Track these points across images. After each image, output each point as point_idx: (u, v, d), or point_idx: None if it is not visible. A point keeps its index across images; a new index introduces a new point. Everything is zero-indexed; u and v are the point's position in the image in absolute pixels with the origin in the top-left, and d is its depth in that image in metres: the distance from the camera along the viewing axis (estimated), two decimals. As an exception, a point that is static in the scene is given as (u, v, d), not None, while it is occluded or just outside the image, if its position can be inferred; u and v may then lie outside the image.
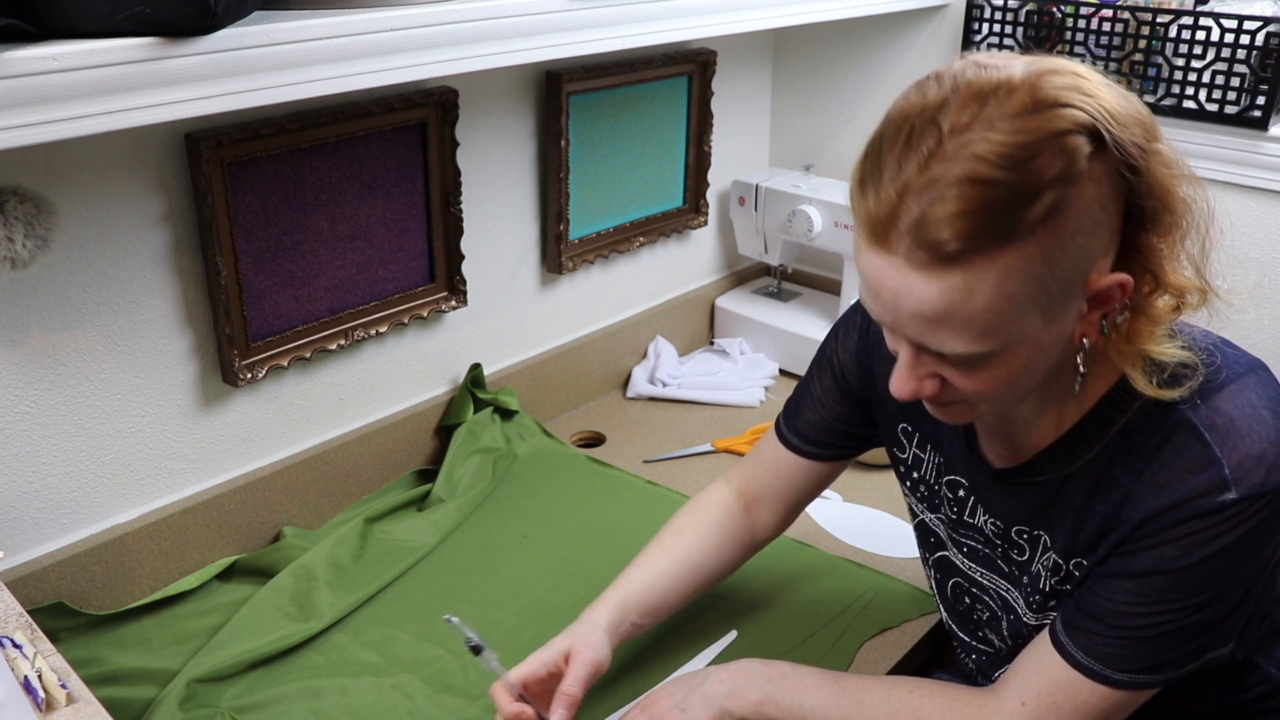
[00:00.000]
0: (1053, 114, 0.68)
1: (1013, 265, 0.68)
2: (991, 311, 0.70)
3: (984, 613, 1.01)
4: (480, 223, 1.50)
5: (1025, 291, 0.70)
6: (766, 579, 1.28)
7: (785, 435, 1.11)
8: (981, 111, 0.68)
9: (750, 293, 1.95)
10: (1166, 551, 0.79)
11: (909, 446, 1.03)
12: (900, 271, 0.70)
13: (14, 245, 1.01)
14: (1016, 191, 0.67)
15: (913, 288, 0.70)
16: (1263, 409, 0.79)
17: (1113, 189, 0.71)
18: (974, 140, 0.67)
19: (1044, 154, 0.67)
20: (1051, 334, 0.74)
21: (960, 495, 0.97)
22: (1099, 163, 0.69)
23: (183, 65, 0.86)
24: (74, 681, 0.79)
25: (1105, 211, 0.71)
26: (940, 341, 0.73)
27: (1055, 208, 0.68)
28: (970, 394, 0.78)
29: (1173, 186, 0.73)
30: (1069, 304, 0.74)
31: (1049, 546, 0.89)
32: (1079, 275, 0.72)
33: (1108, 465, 0.83)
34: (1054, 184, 0.67)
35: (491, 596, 1.26)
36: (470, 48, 1.08)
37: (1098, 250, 0.72)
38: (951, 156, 0.67)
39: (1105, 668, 0.83)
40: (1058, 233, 0.68)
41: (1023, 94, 0.68)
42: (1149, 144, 0.72)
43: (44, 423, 1.13)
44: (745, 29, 1.40)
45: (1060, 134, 0.67)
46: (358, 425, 1.44)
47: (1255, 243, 1.51)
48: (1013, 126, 0.67)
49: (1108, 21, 1.53)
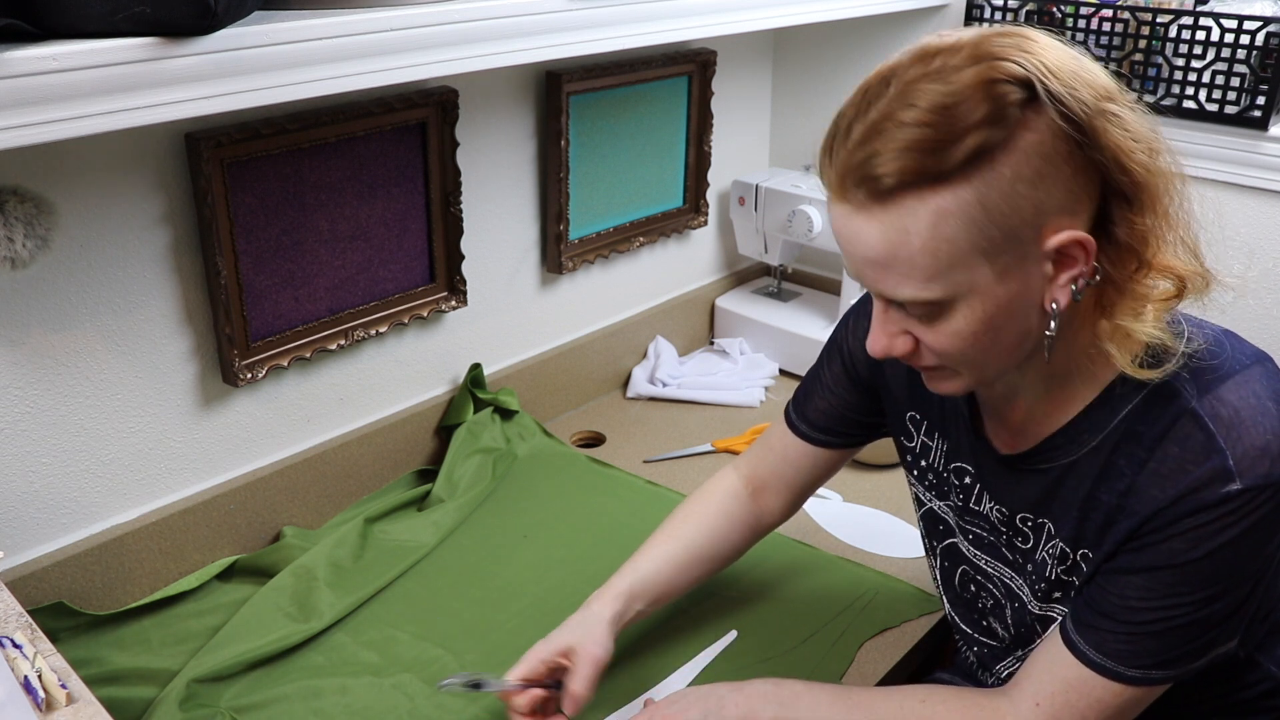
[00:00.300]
0: (985, 66, 0.72)
1: (945, 207, 0.72)
2: (930, 253, 0.74)
3: (988, 600, 1.01)
4: (480, 223, 1.50)
5: (964, 235, 0.73)
6: (767, 579, 1.28)
7: (794, 422, 1.12)
8: (927, 69, 0.73)
9: (750, 293, 1.95)
10: (1174, 545, 0.79)
11: (917, 434, 1.03)
12: (851, 217, 0.76)
13: (14, 245, 1.01)
14: (943, 134, 0.71)
15: (860, 231, 0.76)
16: (1268, 400, 0.79)
17: (1060, 143, 0.72)
18: (914, 91, 0.72)
19: (970, 100, 0.71)
20: (1007, 289, 0.76)
21: (966, 482, 0.98)
22: (1035, 113, 0.72)
23: (183, 65, 0.86)
24: (74, 681, 0.79)
25: (1054, 166, 0.72)
26: (893, 287, 0.77)
27: (982, 150, 0.71)
28: (940, 353, 0.80)
29: (1129, 151, 0.74)
30: (1023, 260, 0.75)
31: (1054, 534, 0.89)
32: (1026, 227, 0.73)
33: (1112, 454, 0.83)
34: (979, 127, 0.70)
35: (491, 596, 1.26)
36: (470, 48, 1.08)
37: (1050, 206, 0.73)
38: (894, 106, 0.72)
39: (1118, 664, 0.83)
40: (992, 177, 0.71)
41: (965, 52, 0.73)
42: (1098, 103, 0.73)
43: (44, 423, 1.13)
44: (745, 29, 1.40)
45: (989, 82, 0.71)
46: (358, 425, 1.44)
47: (1255, 242, 1.51)
48: (948, 78, 0.72)
49: (1108, 21, 1.53)
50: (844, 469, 1.52)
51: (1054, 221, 0.74)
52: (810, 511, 1.43)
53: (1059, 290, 0.77)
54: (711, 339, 1.95)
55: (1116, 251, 0.76)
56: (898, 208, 0.73)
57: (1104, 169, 0.74)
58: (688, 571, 1.11)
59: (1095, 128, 0.72)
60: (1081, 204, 0.75)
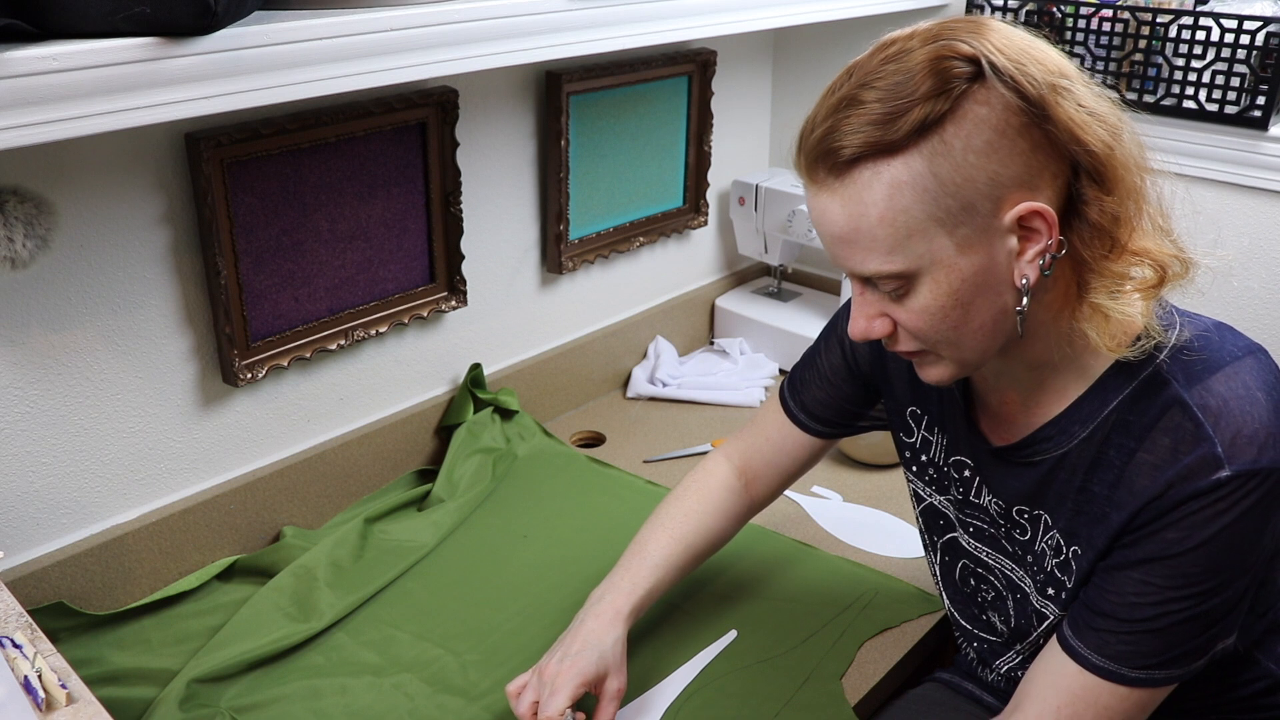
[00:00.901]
0: (934, 46, 0.76)
1: (898, 177, 0.75)
2: (888, 224, 0.76)
3: (989, 593, 1.01)
4: (480, 223, 1.50)
5: (918, 205, 0.75)
6: (767, 579, 1.28)
7: (791, 409, 1.12)
8: (885, 54, 0.78)
9: (750, 293, 1.95)
10: (1167, 535, 0.80)
11: (917, 430, 1.03)
12: (818, 196, 0.80)
13: (14, 245, 1.01)
14: (891, 107, 0.75)
15: (825, 208, 0.79)
16: (1257, 391, 0.79)
17: (1013, 117, 0.74)
18: (873, 75, 0.77)
19: (918, 75, 0.75)
20: (970, 262, 0.77)
21: (965, 475, 0.98)
22: (983, 87, 0.74)
23: (183, 65, 0.86)
24: (74, 681, 0.79)
25: (1008, 139, 0.74)
26: (860, 262, 0.79)
27: (928, 120, 0.74)
28: (915, 331, 0.82)
29: (1084, 125, 0.75)
30: (985, 232, 0.76)
31: (1050, 525, 0.90)
32: (982, 198, 0.75)
33: (1102, 445, 0.84)
34: (925, 100, 0.74)
35: (491, 596, 1.26)
36: (470, 48, 1.08)
37: (1006, 178, 0.75)
38: (854, 89, 0.77)
39: (1120, 666, 0.83)
40: (941, 147, 0.74)
41: (919, 36, 0.78)
42: (1048, 78, 0.75)
43: (44, 423, 1.13)
44: (745, 29, 1.40)
45: (937, 59, 0.75)
46: (358, 425, 1.44)
47: (1256, 242, 1.51)
48: (902, 60, 0.76)
49: (1108, 21, 1.52)
50: (844, 469, 1.53)
51: (1012, 195, 0.76)
52: (810, 511, 1.43)
53: (1027, 266, 0.78)
54: (711, 339, 1.95)
55: (1088, 231, 0.77)
56: (855, 180, 0.76)
57: (1060, 143, 0.75)
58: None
59: (1045, 100, 0.74)
60: (1043, 179, 0.76)
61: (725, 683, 1.12)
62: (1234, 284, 1.54)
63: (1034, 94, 0.74)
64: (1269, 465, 0.77)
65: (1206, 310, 0.86)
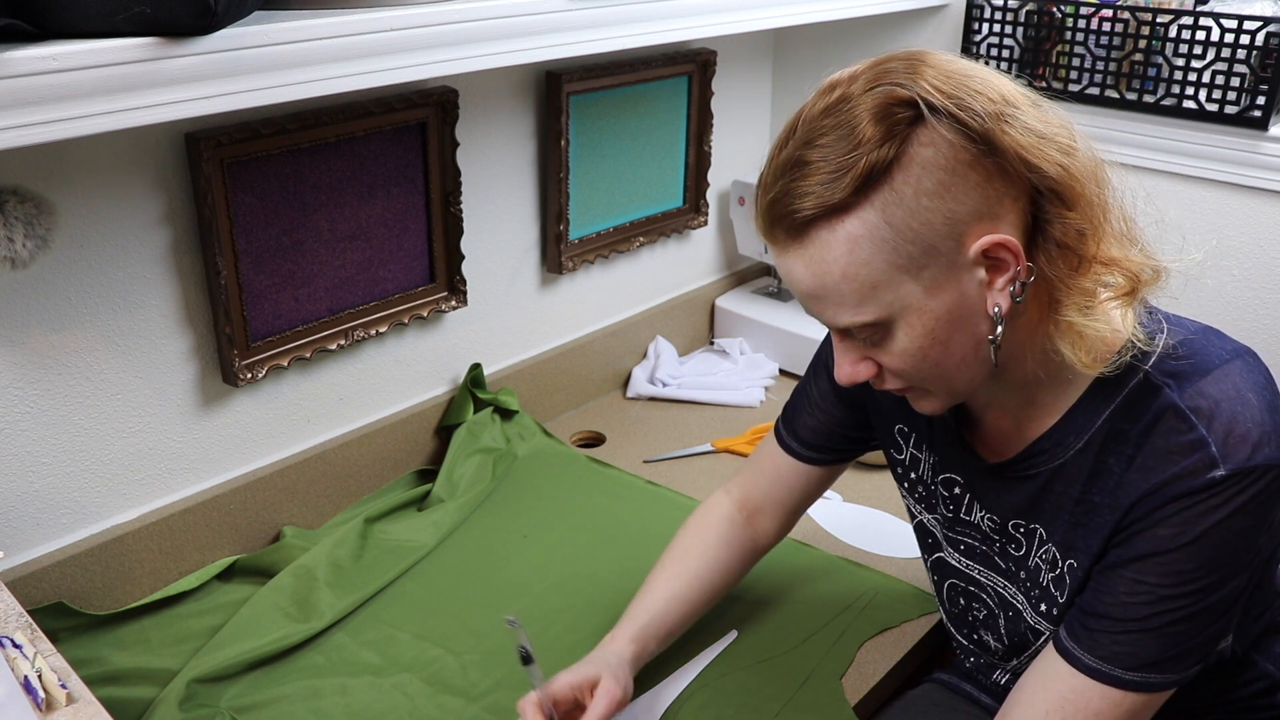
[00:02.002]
0: (874, 93, 0.75)
1: (853, 232, 0.75)
2: (851, 279, 0.77)
3: (980, 611, 1.01)
4: (480, 223, 1.50)
5: (879, 256, 0.75)
6: (767, 579, 1.28)
7: (785, 440, 1.12)
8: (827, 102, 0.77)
9: (750, 293, 1.95)
10: (1160, 532, 0.79)
11: (906, 447, 1.03)
12: (780, 256, 0.80)
13: (14, 245, 1.01)
14: (837, 164, 0.74)
15: (790, 268, 0.80)
16: (1247, 392, 0.79)
17: (960, 153, 0.74)
18: (815, 129, 0.76)
19: (859, 126, 0.74)
20: (942, 302, 0.77)
21: (956, 493, 0.98)
22: (925, 129, 0.74)
23: (183, 65, 0.86)
24: (74, 681, 0.79)
25: (959, 176, 0.74)
26: (832, 316, 0.80)
27: (874, 172, 0.74)
28: (899, 372, 0.82)
29: (1032, 149, 0.75)
30: (951, 270, 0.76)
31: (1045, 539, 0.89)
32: (942, 239, 0.75)
33: (1099, 454, 0.83)
34: (868, 150, 0.73)
35: (491, 596, 1.26)
36: (470, 48, 1.08)
37: (963, 214, 0.75)
38: (797, 148, 0.77)
39: (1114, 667, 0.82)
40: (891, 196, 0.74)
41: (860, 81, 0.77)
42: (993, 108, 0.74)
43: (44, 423, 1.13)
44: (745, 29, 1.40)
45: (875, 108, 0.74)
46: (358, 425, 1.44)
47: (1256, 242, 1.51)
48: (843, 110, 0.75)
49: (1108, 21, 1.52)
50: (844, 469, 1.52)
51: (973, 229, 0.75)
52: (810, 512, 1.42)
53: (998, 295, 0.78)
54: (711, 339, 1.95)
55: (1054, 249, 0.77)
56: (813, 241, 0.77)
57: (1014, 170, 0.75)
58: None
59: (990, 132, 0.74)
60: (1003, 207, 0.76)
61: (725, 683, 1.12)
62: (1234, 284, 1.54)
63: (978, 127, 0.74)
64: (1264, 462, 0.77)
65: (1207, 311, 0.86)
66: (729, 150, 1.89)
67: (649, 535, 1.26)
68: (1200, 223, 1.54)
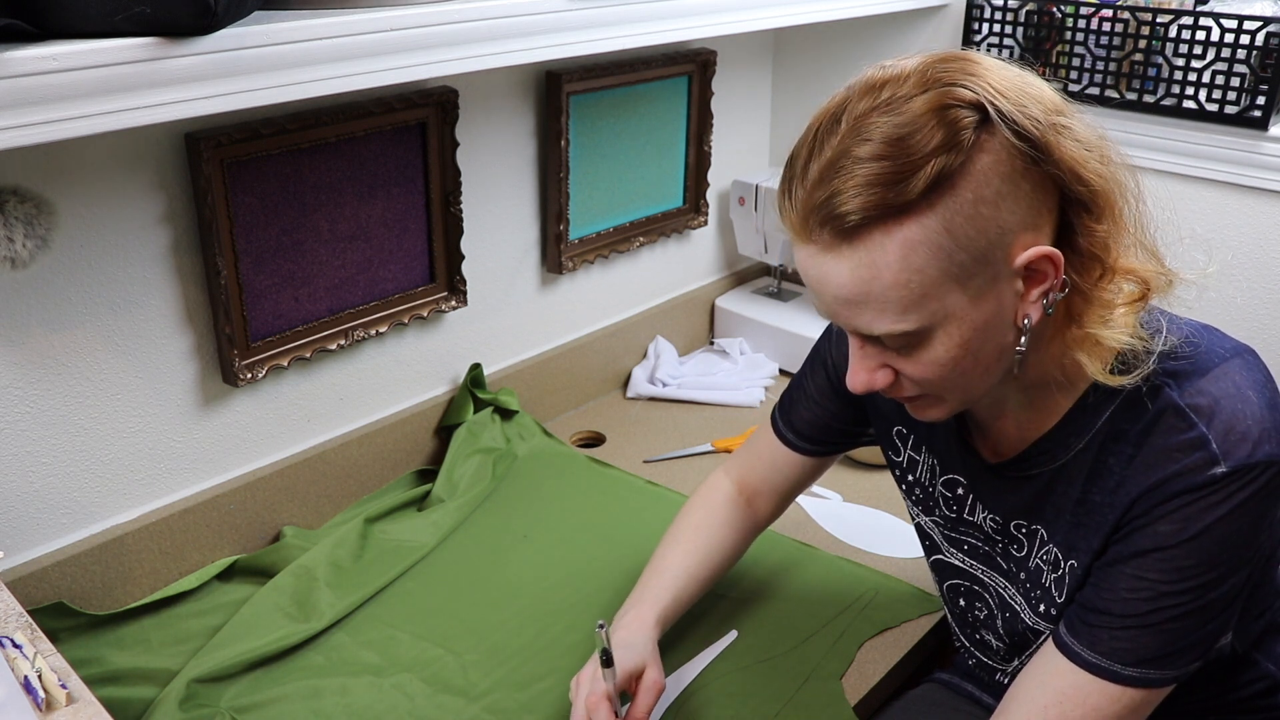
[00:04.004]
0: (935, 93, 0.72)
1: (911, 237, 0.72)
2: (902, 286, 0.73)
3: (981, 611, 1.01)
4: (480, 223, 1.50)
5: (933, 264, 0.73)
6: (767, 579, 1.28)
7: (781, 431, 1.13)
8: (876, 101, 0.73)
9: (750, 293, 1.95)
10: (1161, 528, 0.79)
11: (904, 449, 1.03)
12: (817, 257, 0.76)
13: (14, 245, 1.01)
14: (901, 164, 0.71)
15: (829, 271, 0.75)
16: (1247, 389, 0.79)
17: (1016, 161, 0.73)
18: (867, 126, 0.72)
19: (926, 128, 0.71)
20: (982, 312, 0.76)
21: (959, 493, 0.98)
22: (989, 135, 0.72)
23: (183, 65, 0.86)
24: (74, 681, 0.79)
25: (1013, 184, 0.73)
26: (868, 323, 0.76)
27: (942, 176, 0.71)
28: (921, 381, 0.80)
29: (1083, 161, 0.74)
30: (995, 280, 0.75)
31: (1046, 540, 0.89)
32: (994, 248, 0.74)
33: (1100, 454, 0.83)
34: (936, 153, 0.71)
35: (491, 596, 1.26)
36: (470, 48, 1.08)
37: (1013, 224, 0.74)
38: (848, 143, 0.73)
39: (1114, 663, 0.82)
40: (954, 202, 0.72)
41: (912, 80, 0.73)
42: (1050, 118, 0.74)
43: (44, 423, 1.13)
44: (745, 29, 1.40)
45: (941, 109, 0.71)
46: (358, 425, 1.44)
47: (1256, 242, 1.51)
48: (899, 108, 0.72)
49: (1108, 21, 1.52)
50: (844, 469, 1.53)
51: (1020, 239, 0.74)
52: (810, 511, 1.43)
53: (1030, 306, 0.77)
54: (711, 339, 1.95)
55: (1080, 260, 0.77)
56: (865, 244, 0.73)
57: (1061, 182, 0.74)
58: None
59: (1049, 142, 0.73)
60: (1043, 218, 0.75)
61: (725, 683, 1.12)
62: (1234, 284, 1.54)
63: (1039, 137, 0.73)
64: (1264, 459, 0.77)
65: (1206, 311, 0.86)
66: (729, 150, 1.89)
67: (649, 535, 1.26)
68: (1200, 223, 1.54)
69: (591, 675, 1.00)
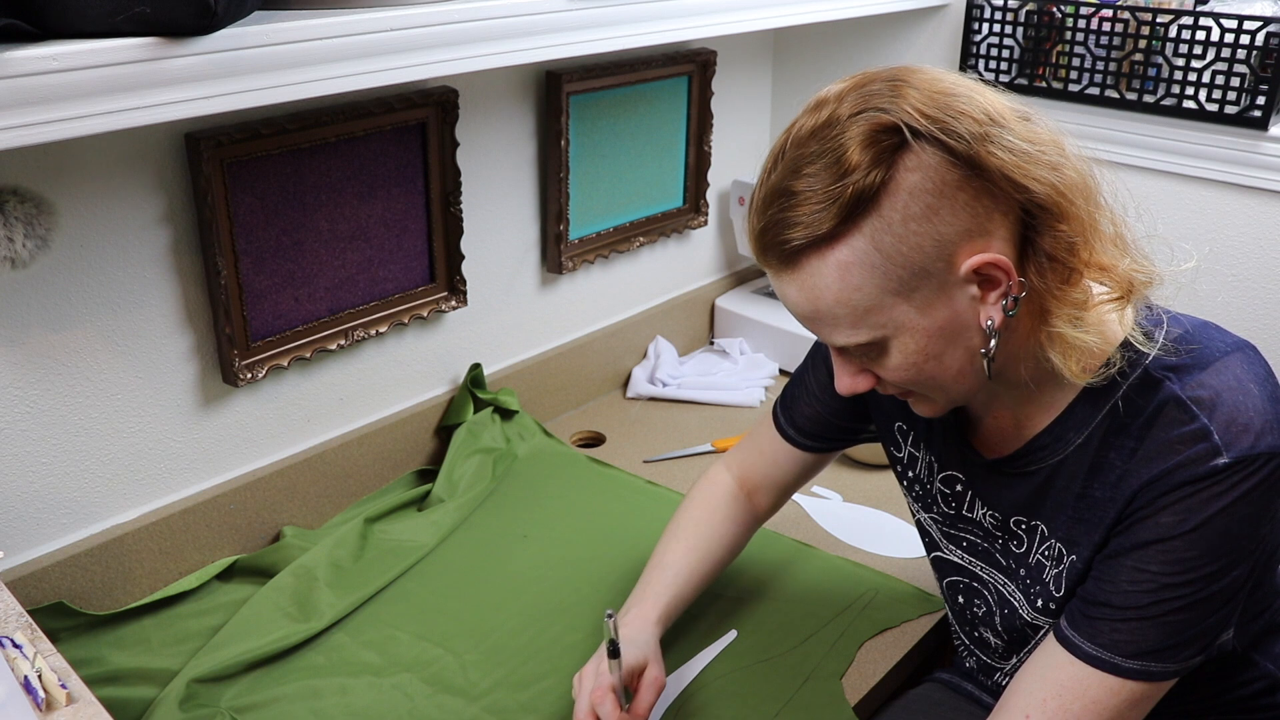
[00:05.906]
0: (859, 119, 0.75)
1: (843, 259, 0.76)
2: (845, 304, 0.78)
3: (980, 608, 1.01)
4: (480, 223, 1.50)
5: (870, 281, 0.76)
6: (767, 579, 1.28)
7: (783, 427, 1.13)
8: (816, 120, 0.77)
9: (750, 293, 1.95)
10: (1163, 519, 0.80)
11: (904, 445, 1.04)
12: (775, 279, 0.82)
13: (14, 245, 1.01)
14: (824, 191, 0.75)
15: (785, 291, 0.81)
16: (1248, 382, 0.80)
17: (949, 174, 0.74)
18: (799, 156, 0.77)
19: (845, 154, 0.74)
20: (934, 319, 0.78)
21: (958, 490, 0.98)
22: (910, 154, 0.74)
23: (183, 65, 0.86)
24: (74, 681, 0.79)
25: (947, 198, 0.74)
26: (828, 335, 0.82)
27: (861, 200, 0.74)
28: (895, 382, 0.84)
29: (1019, 168, 0.75)
30: (942, 289, 0.77)
31: (1047, 535, 0.90)
32: (933, 260, 0.76)
33: (1100, 448, 0.84)
34: (854, 178, 0.74)
35: (491, 596, 1.26)
36: (470, 48, 1.08)
37: (952, 234, 0.75)
38: (784, 176, 0.77)
39: (1114, 655, 0.82)
40: (879, 221, 0.75)
41: (846, 102, 0.77)
42: (978, 129, 0.74)
43: (44, 423, 1.13)
44: (745, 29, 1.40)
45: (862, 134, 0.74)
46: (358, 425, 1.44)
47: (1256, 242, 1.51)
48: (826, 135, 0.76)
49: (1108, 21, 1.52)
50: (844, 469, 1.53)
51: (963, 248, 0.76)
52: (810, 511, 1.43)
53: (991, 308, 0.78)
54: (711, 339, 1.95)
55: (1045, 262, 0.77)
56: (804, 268, 0.78)
57: (1001, 188, 0.75)
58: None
59: (975, 154, 0.74)
60: (993, 223, 0.76)
61: (725, 683, 1.12)
62: (1234, 284, 1.54)
63: (962, 150, 0.74)
64: (1267, 450, 0.77)
65: (1206, 311, 0.86)
66: (729, 150, 1.89)
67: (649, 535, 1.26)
68: (1200, 223, 1.54)
69: (595, 670, 1.00)
